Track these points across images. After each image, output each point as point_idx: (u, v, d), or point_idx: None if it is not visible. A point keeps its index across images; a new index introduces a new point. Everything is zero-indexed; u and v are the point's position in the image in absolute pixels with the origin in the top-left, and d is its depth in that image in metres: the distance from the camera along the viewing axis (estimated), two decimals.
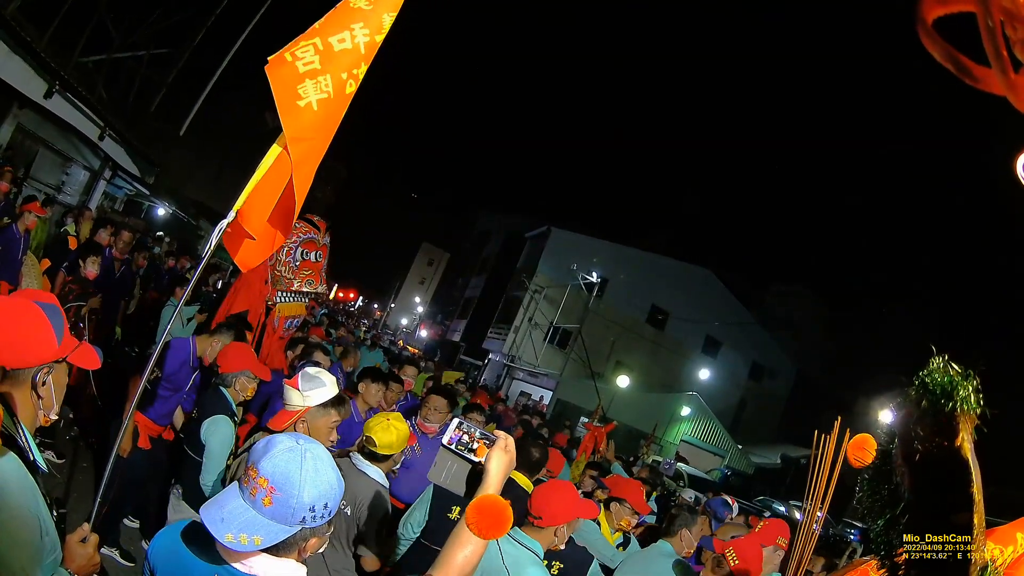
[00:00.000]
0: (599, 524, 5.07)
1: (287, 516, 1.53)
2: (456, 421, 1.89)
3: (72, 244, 8.54)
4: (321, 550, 1.69)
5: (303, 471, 1.54)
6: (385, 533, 3.58)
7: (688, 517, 4.65)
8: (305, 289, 6.05)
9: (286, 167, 2.84)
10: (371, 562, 3.59)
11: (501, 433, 1.86)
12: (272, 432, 3.16)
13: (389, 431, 3.58)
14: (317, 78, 2.78)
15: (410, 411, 5.82)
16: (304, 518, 1.55)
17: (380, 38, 2.94)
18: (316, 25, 2.87)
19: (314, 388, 3.28)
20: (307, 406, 3.28)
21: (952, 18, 1.24)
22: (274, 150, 2.92)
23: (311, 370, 3.37)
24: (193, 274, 3.15)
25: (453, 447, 1.85)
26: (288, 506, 1.52)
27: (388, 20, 2.95)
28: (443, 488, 2.56)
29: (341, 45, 2.84)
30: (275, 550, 1.57)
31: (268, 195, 2.95)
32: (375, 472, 3.57)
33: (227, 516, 1.52)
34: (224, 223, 2.89)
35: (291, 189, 2.81)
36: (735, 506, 7.33)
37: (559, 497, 3.26)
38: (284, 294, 6.09)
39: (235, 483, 1.61)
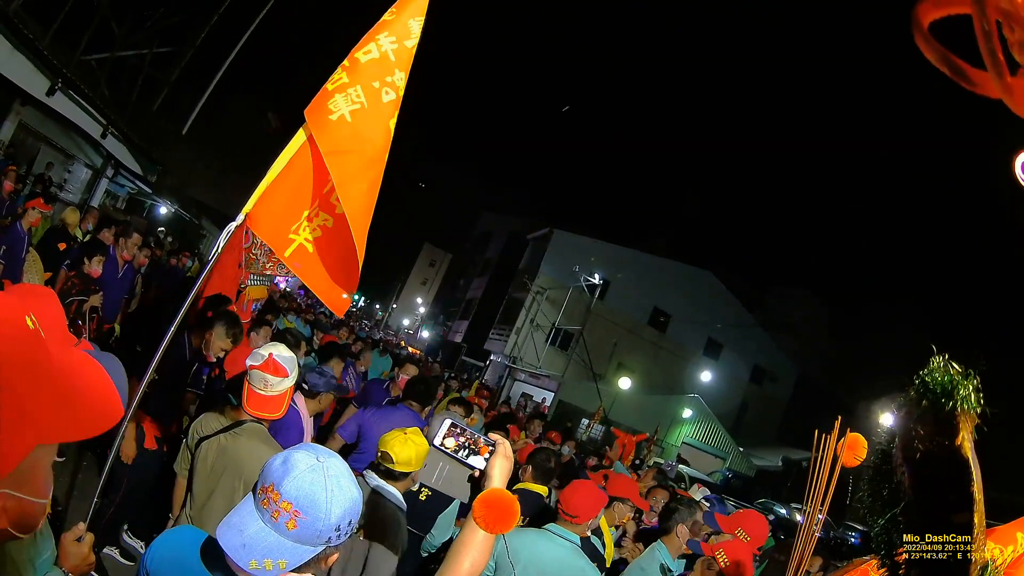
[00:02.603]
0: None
1: (313, 538, 1.48)
2: (448, 422, 1.83)
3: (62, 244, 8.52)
4: None
5: (328, 491, 1.49)
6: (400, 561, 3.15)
7: (684, 512, 4.65)
8: (270, 272, 6.06)
9: (303, 173, 2.82)
10: None
11: (499, 437, 1.82)
12: (259, 417, 3.30)
13: (407, 445, 3.28)
14: (347, 91, 2.78)
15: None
16: (330, 538, 1.51)
17: (411, 43, 2.94)
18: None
19: (294, 367, 3.34)
20: (292, 385, 3.36)
21: (948, 21, 1.24)
22: (285, 155, 2.89)
23: (279, 349, 3.33)
24: (195, 273, 3.11)
25: (448, 450, 1.81)
26: (315, 529, 1.47)
27: (416, 25, 2.95)
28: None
29: (367, 57, 2.85)
30: (297, 569, 1.50)
31: (281, 200, 2.92)
32: (394, 494, 3.27)
33: (248, 542, 1.45)
34: (232, 225, 2.87)
35: (344, 207, 2.77)
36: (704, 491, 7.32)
37: (589, 496, 3.67)
38: (255, 277, 6.11)
39: (251, 503, 1.53)
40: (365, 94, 2.79)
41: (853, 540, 20.23)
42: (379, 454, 3.31)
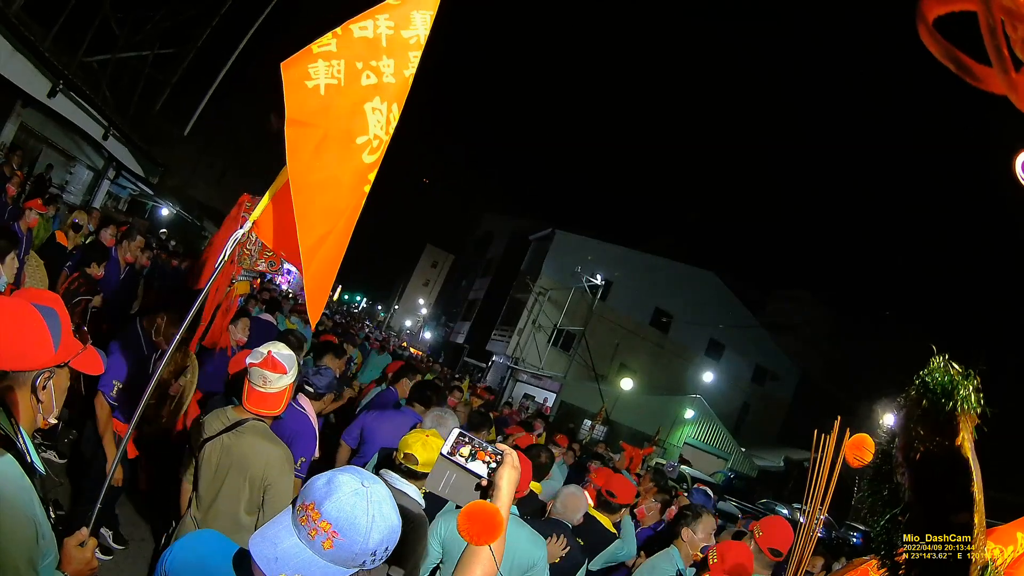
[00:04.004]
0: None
1: (347, 560, 1.47)
2: (457, 432, 1.86)
3: (61, 239, 8.50)
4: None
5: (369, 516, 1.48)
6: (419, 557, 3.35)
7: (689, 516, 4.71)
8: (261, 269, 6.03)
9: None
10: None
11: (507, 448, 1.84)
12: (259, 414, 3.35)
13: (428, 447, 3.41)
14: (330, 61, 2.65)
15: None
16: (364, 562, 1.50)
17: (408, 34, 2.82)
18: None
19: (293, 364, 3.41)
20: (292, 382, 3.42)
21: (953, 17, 1.24)
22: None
23: (277, 347, 3.40)
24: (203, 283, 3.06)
25: (455, 459, 1.82)
26: (350, 552, 1.46)
27: (420, 19, 2.84)
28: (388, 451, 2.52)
29: (362, 32, 2.73)
30: None
31: (290, 208, 2.85)
32: (414, 492, 3.42)
33: (281, 555, 1.45)
34: (239, 233, 2.80)
35: (292, 183, 2.56)
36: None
37: (524, 468, 3.87)
38: (246, 272, 6.09)
39: (288, 517, 1.52)
40: (345, 71, 2.67)
41: (855, 540, 20.20)
42: (402, 455, 3.39)
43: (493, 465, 1.81)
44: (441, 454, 1.83)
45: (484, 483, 1.81)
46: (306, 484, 1.54)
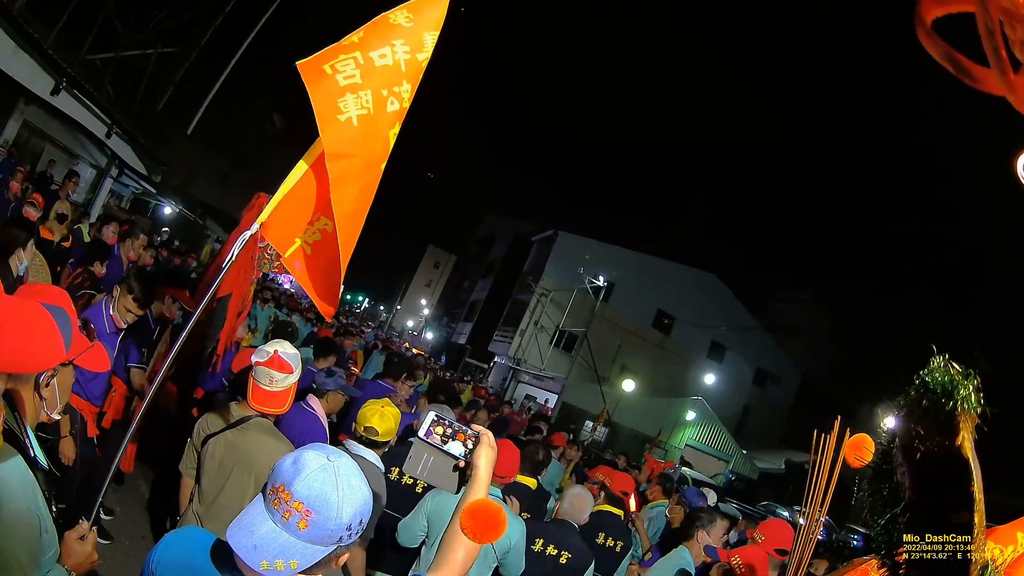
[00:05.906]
0: None
1: (324, 538, 1.47)
2: (433, 415, 1.86)
3: (45, 233, 8.47)
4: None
5: (339, 491, 1.48)
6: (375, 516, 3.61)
7: (705, 519, 4.75)
8: (276, 271, 6.08)
9: (315, 180, 2.81)
10: (357, 551, 3.61)
11: (480, 428, 1.85)
12: (261, 412, 3.41)
13: (386, 418, 3.71)
14: (358, 92, 2.72)
15: None
16: (341, 537, 1.50)
17: (422, 58, 2.90)
18: (354, 39, 2.80)
19: (296, 361, 3.47)
20: (296, 380, 3.48)
21: (951, 18, 1.24)
22: (301, 166, 2.89)
23: (284, 346, 3.45)
24: (199, 274, 3.08)
25: (432, 441, 1.84)
26: (326, 529, 1.46)
27: (430, 40, 2.91)
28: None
29: (382, 61, 2.79)
30: (308, 569, 1.50)
31: (296, 210, 2.92)
32: (373, 456, 3.68)
33: (259, 543, 1.44)
34: (247, 235, 2.85)
35: (335, 211, 2.70)
36: (711, 495, 7.48)
37: (512, 455, 4.15)
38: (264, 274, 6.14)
39: (261, 504, 1.52)
40: (373, 100, 2.74)
41: (856, 543, 20.18)
42: (362, 428, 3.71)
43: (470, 446, 1.83)
44: (418, 437, 1.84)
45: (461, 464, 1.83)
46: (275, 466, 1.54)
